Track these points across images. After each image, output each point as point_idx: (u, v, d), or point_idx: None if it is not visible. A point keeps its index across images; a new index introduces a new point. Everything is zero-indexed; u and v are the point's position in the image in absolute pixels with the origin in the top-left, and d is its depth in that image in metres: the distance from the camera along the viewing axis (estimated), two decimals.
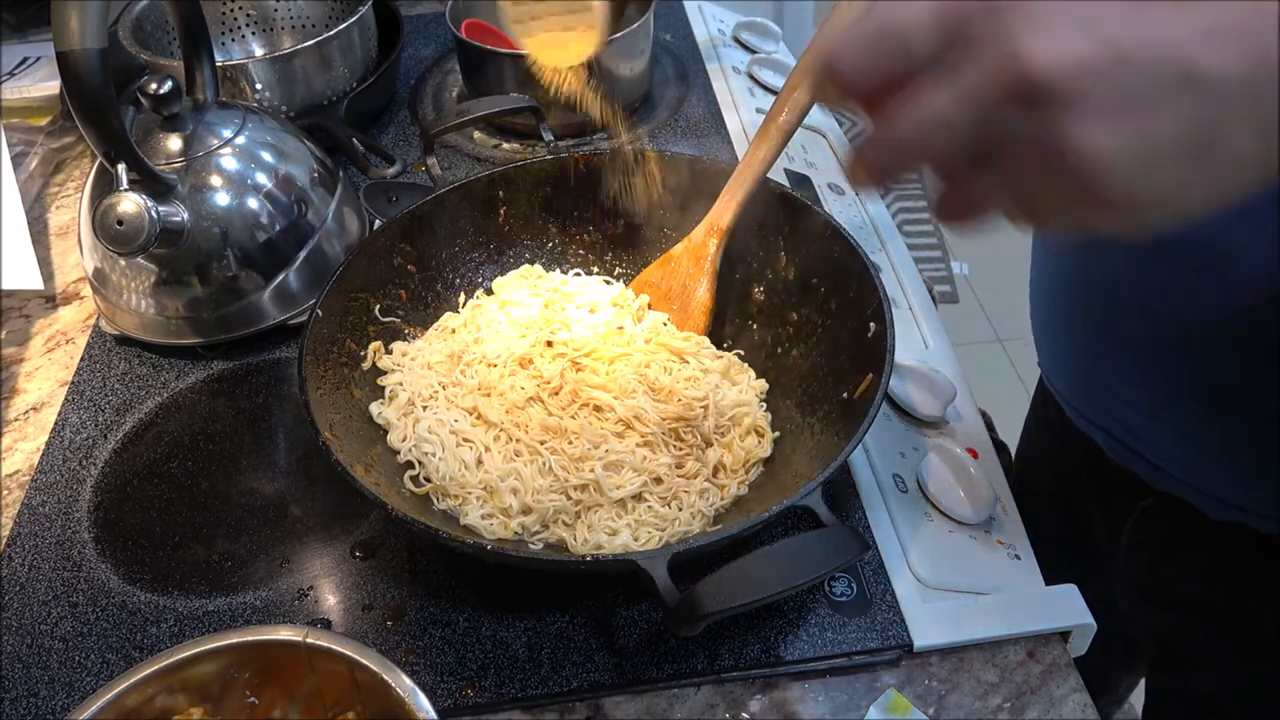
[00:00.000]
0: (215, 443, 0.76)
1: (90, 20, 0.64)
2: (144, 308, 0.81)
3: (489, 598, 0.64)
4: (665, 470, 0.66)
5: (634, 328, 0.76)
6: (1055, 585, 0.63)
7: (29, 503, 0.72)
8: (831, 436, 0.65)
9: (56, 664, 0.62)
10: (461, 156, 1.04)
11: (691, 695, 0.59)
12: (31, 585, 0.67)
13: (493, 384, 0.70)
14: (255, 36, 1.13)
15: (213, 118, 0.81)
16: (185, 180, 0.77)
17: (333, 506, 0.70)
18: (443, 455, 0.67)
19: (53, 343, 0.88)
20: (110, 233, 0.71)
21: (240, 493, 0.72)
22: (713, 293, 0.77)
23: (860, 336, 0.66)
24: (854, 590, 0.62)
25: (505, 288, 0.80)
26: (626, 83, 1.04)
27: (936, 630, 0.60)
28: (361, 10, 1.01)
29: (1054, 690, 0.58)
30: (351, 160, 0.97)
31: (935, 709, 0.57)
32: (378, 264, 0.75)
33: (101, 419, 0.79)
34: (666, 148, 1.02)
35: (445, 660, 0.61)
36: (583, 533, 0.63)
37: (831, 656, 0.59)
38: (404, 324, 0.77)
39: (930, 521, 0.66)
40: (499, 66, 1.00)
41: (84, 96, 0.66)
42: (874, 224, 0.93)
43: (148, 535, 0.70)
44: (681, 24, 1.22)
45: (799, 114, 0.73)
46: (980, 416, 0.76)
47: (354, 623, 0.63)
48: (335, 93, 1.01)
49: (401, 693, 0.45)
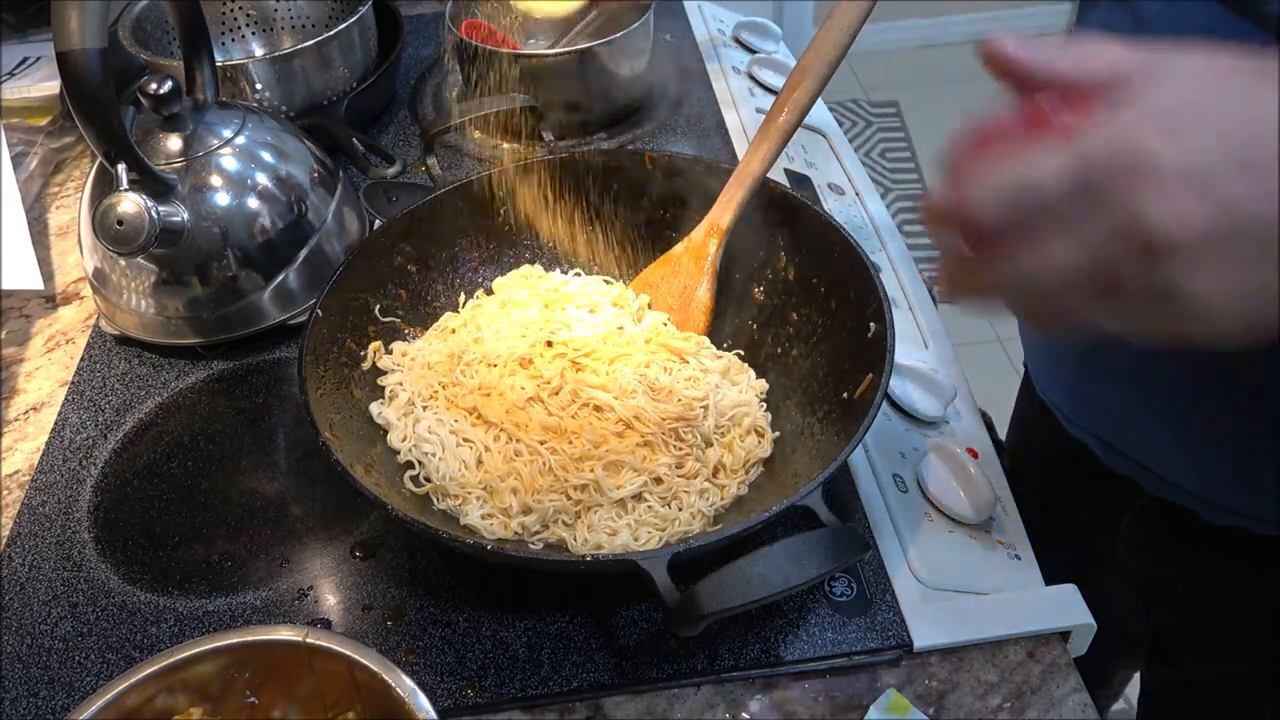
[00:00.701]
0: (215, 443, 0.76)
1: (90, 20, 0.64)
2: (144, 308, 0.81)
3: (489, 598, 0.64)
4: (665, 470, 0.66)
5: (634, 328, 0.76)
6: (1055, 585, 0.63)
7: (29, 503, 0.72)
8: (831, 436, 0.65)
9: (56, 664, 0.62)
10: (461, 156, 1.03)
11: (691, 695, 0.59)
12: (31, 585, 0.67)
13: (493, 384, 0.70)
14: (255, 36, 1.13)
15: (213, 118, 0.81)
16: (185, 180, 0.77)
17: (333, 506, 0.70)
18: (443, 455, 0.67)
19: (53, 343, 0.88)
20: (110, 233, 0.71)
21: (240, 493, 0.72)
22: (713, 293, 0.77)
23: (860, 336, 0.66)
24: (854, 590, 0.62)
25: (505, 288, 0.80)
26: (626, 83, 1.04)
27: (936, 630, 0.60)
28: (361, 10, 1.01)
29: (1054, 690, 0.58)
30: (351, 160, 0.97)
31: (935, 709, 0.57)
32: (378, 264, 0.75)
33: (101, 419, 0.79)
34: (666, 148, 1.02)
35: (445, 660, 0.61)
36: (583, 533, 0.63)
37: (831, 656, 0.59)
38: (404, 324, 0.77)
39: (930, 521, 0.66)
40: (499, 66, 1.00)
41: (84, 96, 0.66)
42: (874, 224, 0.93)
43: (148, 535, 0.70)
44: (681, 24, 1.22)
45: (799, 114, 0.73)
46: (980, 416, 0.76)
47: (354, 623, 0.63)
48: (335, 93, 1.01)
49: (401, 693, 0.45)
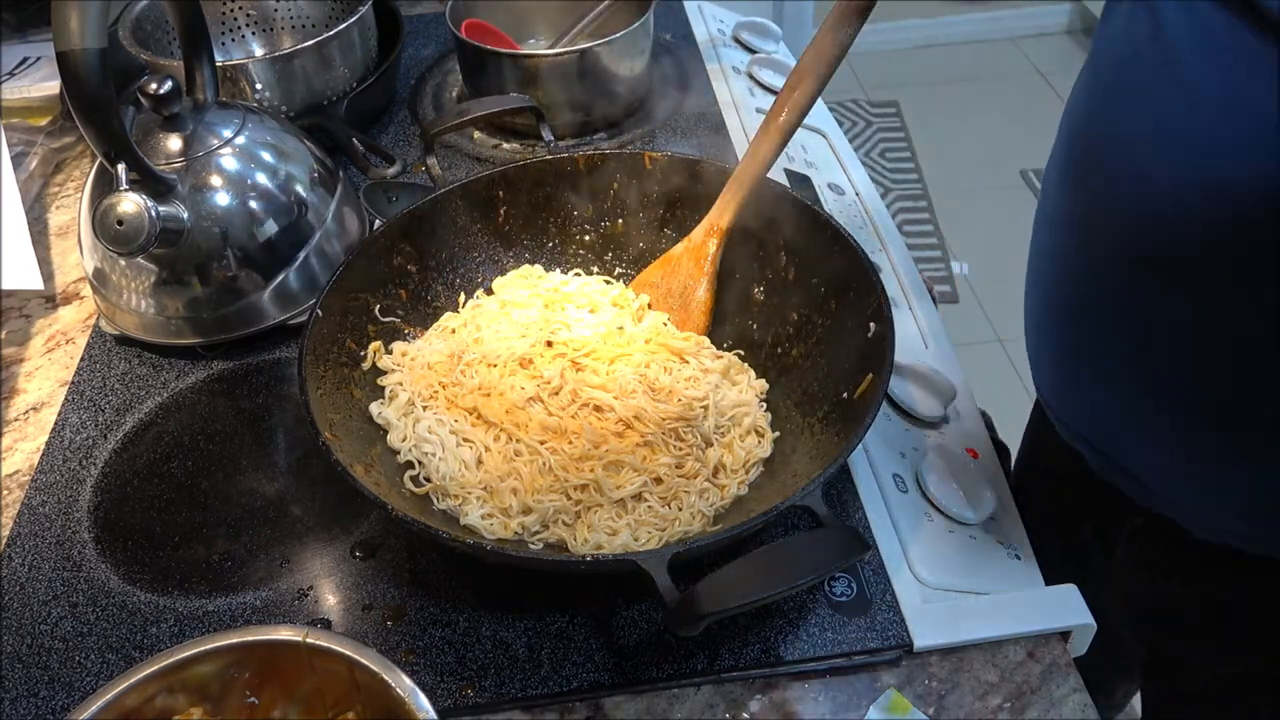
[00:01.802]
0: (215, 443, 0.76)
1: (90, 20, 0.64)
2: (144, 308, 0.81)
3: (489, 598, 0.64)
4: (665, 470, 0.66)
5: (634, 328, 0.76)
6: (1055, 585, 0.63)
7: (29, 503, 0.72)
8: (831, 436, 0.65)
9: (56, 664, 0.62)
10: (461, 156, 1.03)
11: (691, 695, 0.59)
12: (31, 585, 0.67)
13: (493, 384, 0.70)
14: (255, 36, 1.13)
15: (213, 118, 0.81)
16: (185, 180, 0.77)
17: (333, 506, 0.70)
18: (443, 455, 0.67)
19: (53, 343, 0.88)
20: (110, 233, 0.71)
21: (240, 493, 0.72)
22: (713, 293, 0.77)
23: (860, 336, 0.66)
24: (854, 590, 0.62)
25: (505, 288, 0.80)
26: (626, 83, 1.04)
27: (936, 630, 0.60)
28: (361, 10, 1.01)
29: (1054, 690, 0.58)
30: (351, 160, 0.97)
31: (935, 709, 0.57)
32: (378, 264, 0.75)
33: (101, 419, 0.79)
34: (666, 148, 1.02)
35: (445, 660, 0.61)
36: (583, 533, 0.63)
37: (831, 656, 0.59)
38: (404, 324, 0.77)
39: (930, 521, 0.66)
40: (499, 66, 1.00)
41: (84, 96, 0.66)
42: (874, 224, 0.93)
43: (148, 535, 0.70)
44: (681, 24, 1.22)
45: (799, 114, 0.73)
46: (980, 416, 0.76)
47: (354, 623, 0.63)
48: (335, 93, 1.01)
49: (401, 693, 0.45)
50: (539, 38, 1.14)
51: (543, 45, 1.13)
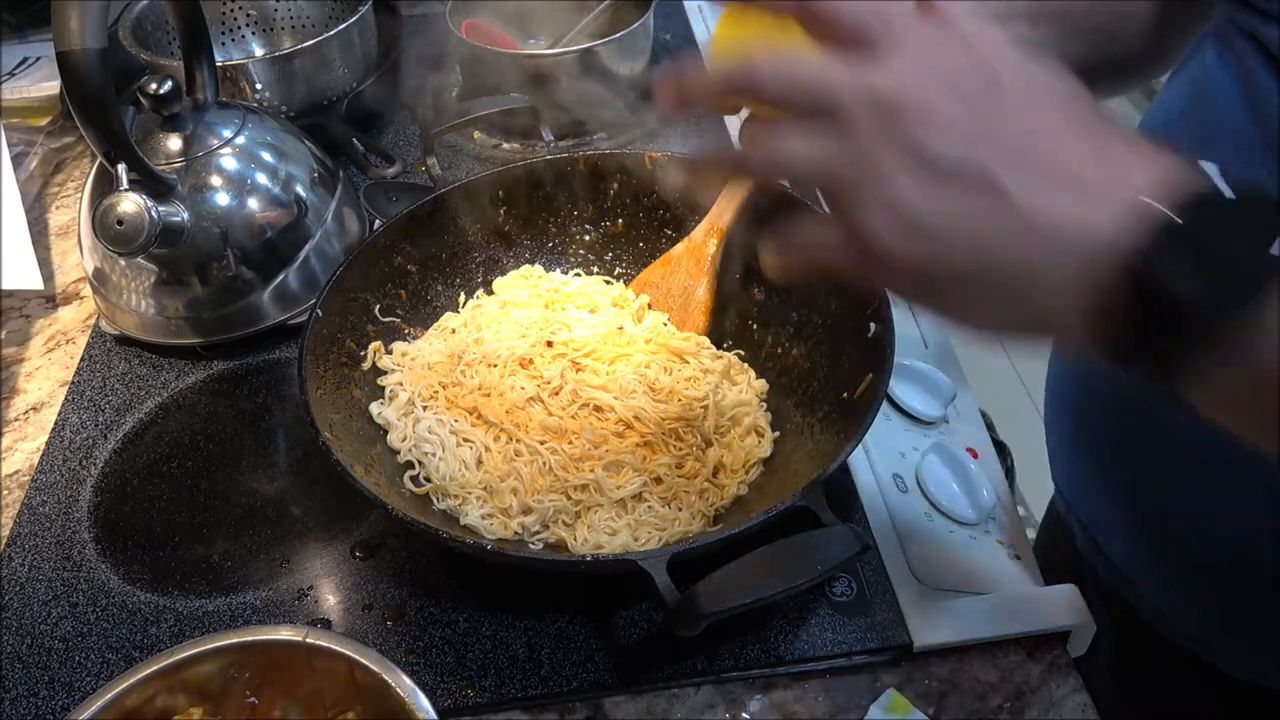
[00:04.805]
0: (215, 443, 0.76)
1: (90, 20, 0.64)
2: (144, 308, 0.81)
3: (489, 598, 0.64)
4: (665, 470, 0.66)
5: (634, 328, 0.76)
6: (1055, 585, 0.63)
7: (29, 503, 0.72)
8: (831, 436, 0.64)
9: (56, 664, 0.62)
10: (461, 156, 1.03)
11: (691, 695, 0.59)
12: (31, 585, 0.67)
13: (493, 384, 0.70)
14: (255, 36, 1.13)
15: (213, 118, 0.81)
16: (185, 180, 0.77)
17: (333, 506, 0.70)
18: (443, 455, 0.67)
19: (53, 343, 0.88)
20: (110, 233, 0.71)
21: (240, 493, 0.72)
22: (713, 293, 0.77)
23: (860, 336, 0.66)
24: (854, 590, 0.62)
25: (505, 288, 0.80)
26: (626, 83, 1.04)
27: (936, 630, 0.60)
28: (361, 10, 1.01)
29: (1054, 690, 0.58)
30: (351, 160, 0.97)
31: (935, 709, 0.57)
32: (378, 264, 0.75)
33: (101, 419, 0.79)
34: (666, 148, 1.02)
35: (445, 660, 0.61)
36: (583, 533, 0.63)
37: (831, 656, 0.59)
38: (404, 324, 0.77)
39: (930, 521, 0.66)
40: (499, 66, 1.00)
41: (84, 96, 0.66)
42: None
43: (148, 535, 0.70)
44: (681, 24, 1.22)
45: None
46: (980, 416, 0.76)
47: (354, 623, 0.63)
48: (335, 93, 1.01)
49: (401, 693, 0.45)
50: (539, 38, 1.14)
51: (543, 45, 1.13)
